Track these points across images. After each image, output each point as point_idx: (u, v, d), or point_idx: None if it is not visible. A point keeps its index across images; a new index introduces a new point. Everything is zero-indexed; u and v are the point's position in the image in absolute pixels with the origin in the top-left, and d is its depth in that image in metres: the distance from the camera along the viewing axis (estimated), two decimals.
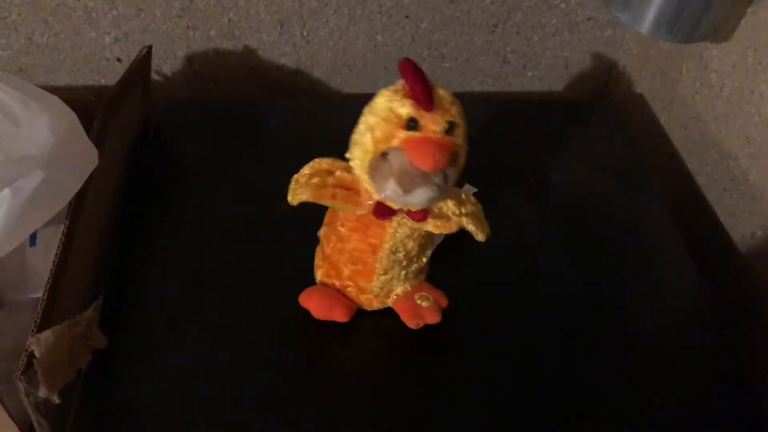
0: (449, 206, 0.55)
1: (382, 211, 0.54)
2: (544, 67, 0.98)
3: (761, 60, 0.70)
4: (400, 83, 0.50)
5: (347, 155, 0.53)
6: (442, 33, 0.91)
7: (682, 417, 0.60)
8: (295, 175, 0.55)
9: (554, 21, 0.92)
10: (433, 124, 0.48)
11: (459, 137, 0.50)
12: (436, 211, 0.55)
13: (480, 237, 0.57)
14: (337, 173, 0.55)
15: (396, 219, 0.55)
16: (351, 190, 0.55)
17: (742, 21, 0.72)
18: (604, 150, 0.84)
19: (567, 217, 0.76)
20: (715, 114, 0.78)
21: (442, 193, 0.52)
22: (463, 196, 0.57)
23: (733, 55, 0.74)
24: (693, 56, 0.82)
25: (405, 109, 0.48)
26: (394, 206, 0.53)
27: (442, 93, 0.49)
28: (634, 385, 0.61)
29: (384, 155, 0.50)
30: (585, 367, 0.62)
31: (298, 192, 0.54)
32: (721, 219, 0.77)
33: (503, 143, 0.84)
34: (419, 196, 0.50)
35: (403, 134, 0.48)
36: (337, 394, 0.59)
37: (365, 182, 0.53)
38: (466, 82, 0.98)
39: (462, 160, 0.51)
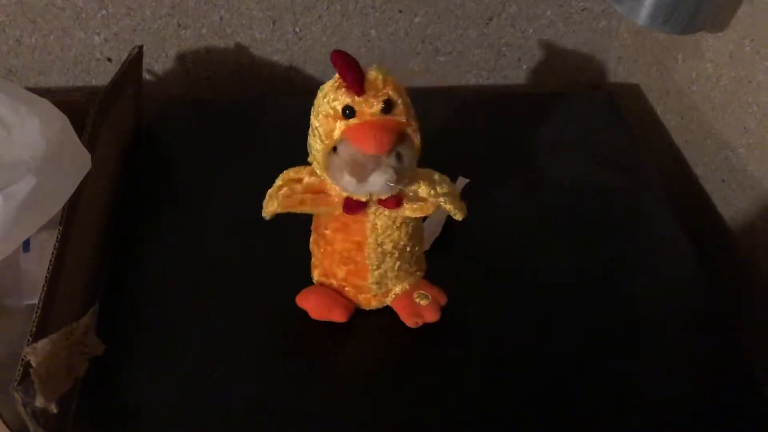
0: (423, 188, 0.55)
1: (352, 205, 0.54)
2: (540, 60, 0.97)
3: (759, 49, 0.70)
4: (336, 77, 0.50)
5: (309, 159, 0.54)
6: (436, 27, 0.91)
7: (682, 407, 0.59)
8: (269, 189, 0.56)
9: (549, 13, 0.91)
10: (367, 107, 0.48)
11: (400, 114, 0.50)
12: (411, 195, 0.55)
13: (458, 216, 0.57)
14: (305, 179, 0.56)
15: (371, 211, 0.55)
16: (320, 192, 0.55)
17: (739, 10, 0.72)
18: (601, 141, 0.84)
19: (564, 209, 0.75)
20: (712, 104, 0.78)
21: (402, 174, 0.51)
22: (437, 177, 0.56)
23: (730, 44, 0.74)
24: (689, 46, 0.81)
25: (339, 99, 0.49)
26: (362, 198, 0.53)
27: (373, 74, 0.49)
28: (634, 377, 0.61)
29: (333, 150, 0.50)
30: (586, 361, 0.62)
31: (268, 204, 0.56)
32: (720, 209, 0.77)
33: (499, 136, 0.84)
34: (377, 182, 0.51)
35: (342, 124, 0.49)
36: (337, 394, 0.59)
37: (329, 181, 0.53)
38: (461, 75, 0.97)
39: (415, 136, 0.51)
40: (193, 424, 0.56)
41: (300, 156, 0.56)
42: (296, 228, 0.61)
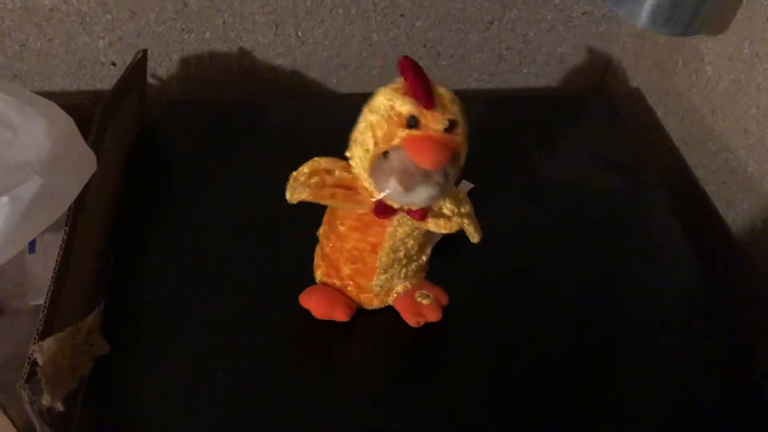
0: (448, 205, 0.55)
1: (383, 210, 0.54)
2: (540, 63, 0.98)
3: (758, 52, 0.70)
4: (400, 81, 0.49)
5: (347, 154, 0.53)
6: (437, 31, 0.91)
7: (683, 407, 0.60)
8: (294, 173, 0.55)
9: (549, 17, 0.92)
10: (433, 123, 0.48)
11: (459, 135, 0.49)
12: (435, 210, 0.55)
13: (476, 239, 0.58)
14: (336, 172, 0.55)
15: (396, 218, 0.55)
16: (350, 189, 0.54)
17: (738, 13, 0.72)
18: (602, 144, 0.84)
19: (566, 212, 0.76)
20: (712, 106, 0.78)
21: (443, 192, 0.52)
22: (461, 195, 0.57)
23: (729, 47, 0.74)
24: (689, 49, 0.82)
25: (406, 107, 0.48)
26: (395, 205, 0.53)
27: (442, 91, 0.49)
28: (636, 377, 0.61)
29: (385, 154, 0.49)
30: (587, 361, 0.62)
31: (297, 191, 0.54)
32: (720, 210, 0.78)
33: (500, 140, 0.84)
34: (420, 195, 0.50)
35: (403, 132, 0.48)
36: (339, 393, 0.59)
37: (365, 181, 0.52)
38: (462, 79, 0.98)
39: (462, 158, 0.51)
40: (197, 423, 0.56)
41: (302, 159, 0.56)
42: (298, 228, 0.62)
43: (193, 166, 0.78)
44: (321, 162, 0.55)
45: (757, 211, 0.72)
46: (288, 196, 0.54)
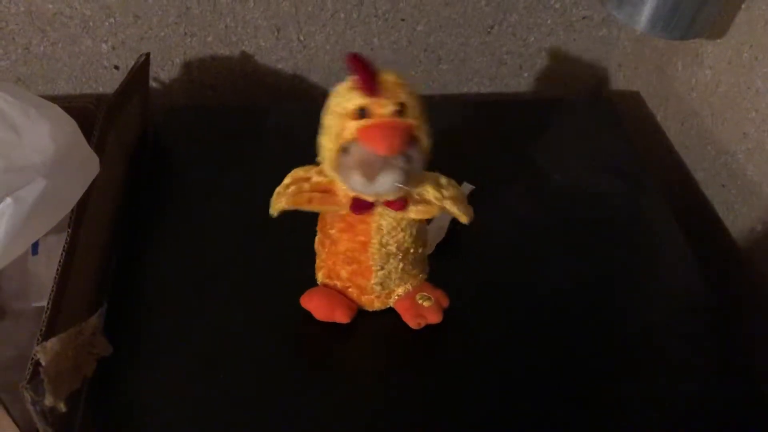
0: (429, 191, 0.55)
1: (359, 205, 0.55)
2: (540, 67, 0.98)
3: (757, 56, 0.70)
4: (351, 78, 0.51)
5: (318, 159, 0.54)
6: (438, 35, 0.92)
7: (683, 410, 0.60)
8: (277, 188, 0.57)
9: (549, 21, 0.92)
10: (381, 108, 0.49)
11: (413, 117, 0.50)
12: (417, 197, 0.56)
13: (464, 219, 0.58)
14: (313, 178, 0.56)
15: (377, 212, 0.56)
16: (327, 192, 0.56)
17: (737, 17, 0.73)
18: (602, 148, 0.84)
19: (566, 215, 0.76)
20: (711, 110, 0.79)
21: (410, 176, 0.52)
22: (443, 180, 0.57)
23: (728, 51, 0.75)
24: (688, 53, 0.82)
25: (353, 100, 0.50)
26: (369, 199, 0.54)
27: (389, 77, 0.50)
28: (636, 380, 0.61)
29: (345, 149, 0.51)
30: (588, 364, 0.62)
31: (276, 202, 0.56)
32: (720, 214, 0.78)
33: (501, 143, 0.85)
34: (385, 183, 0.51)
35: (355, 124, 0.50)
36: (340, 394, 0.59)
37: (339, 182, 0.54)
38: (462, 83, 0.98)
39: (424, 140, 0.52)
40: (198, 424, 0.57)
41: (303, 162, 0.57)
42: (300, 230, 0.62)
43: (195, 169, 0.79)
44: (299, 171, 0.57)
45: (757, 215, 0.72)
46: (271, 209, 0.56)
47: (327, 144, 0.52)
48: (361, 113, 0.49)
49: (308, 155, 0.56)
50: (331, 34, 0.89)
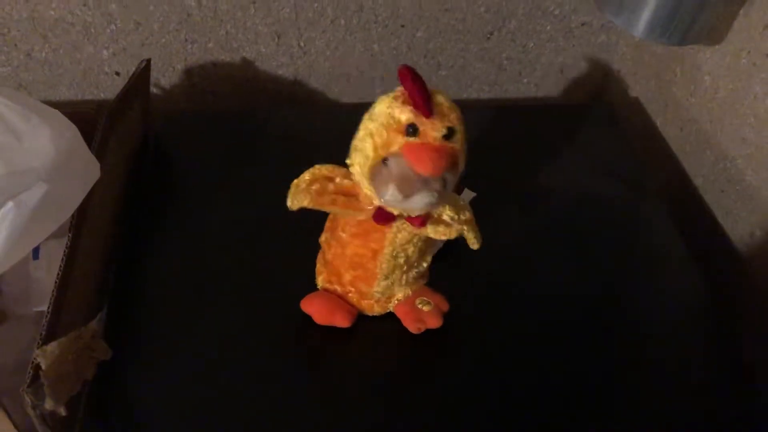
0: (447, 212, 0.56)
1: (383, 216, 0.54)
2: (540, 73, 0.98)
3: (755, 62, 0.71)
4: (400, 90, 0.50)
5: (347, 161, 0.54)
6: (437, 41, 0.92)
7: (685, 416, 0.60)
8: (295, 180, 0.56)
9: (549, 27, 0.93)
10: (432, 130, 0.48)
11: (458, 143, 0.50)
12: (435, 216, 0.56)
13: (476, 245, 0.58)
14: (337, 180, 0.55)
15: (396, 224, 0.55)
16: (351, 196, 0.55)
17: (735, 23, 0.73)
18: (602, 153, 0.85)
19: (566, 220, 0.76)
20: (710, 116, 0.79)
21: (441, 199, 0.52)
22: (461, 202, 0.57)
23: (726, 57, 0.75)
24: (687, 59, 0.82)
25: (404, 115, 0.49)
26: (395, 211, 0.54)
27: (441, 99, 0.50)
28: (637, 387, 0.61)
29: (384, 161, 0.50)
30: (588, 369, 0.62)
31: (298, 197, 0.55)
32: (720, 219, 0.78)
33: (501, 149, 0.85)
34: (419, 201, 0.51)
35: (402, 140, 0.49)
36: (340, 398, 0.59)
37: (365, 188, 0.53)
38: (462, 89, 0.99)
39: (461, 165, 0.52)
40: (198, 428, 0.57)
41: (303, 167, 0.57)
42: (301, 234, 0.62)
43: (195, 174, 0.79)
44: (322, 169, 0.56)
45: (756, 219, 0.72)
46: (289, 203, 0.55)
47: (368, 151, 0.51)
48: (412, 130, 0.49)
49: (308, 159, 0.56)
50: (331, 40, 0.90)
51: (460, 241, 0.70)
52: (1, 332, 0.64)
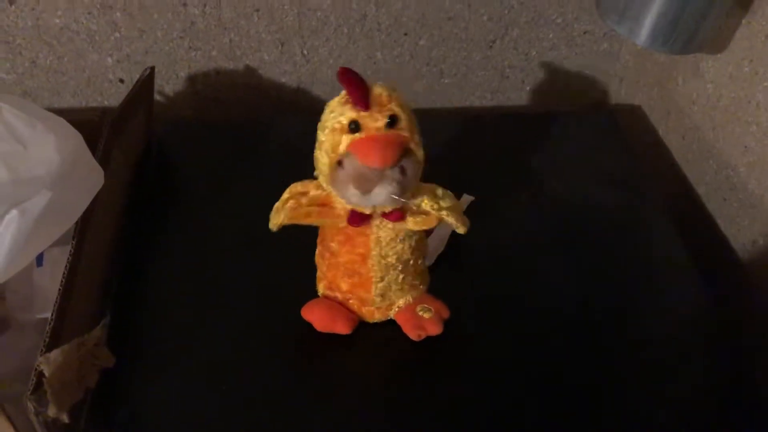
0: (426, 202, 0.56)
1: (356, 218, 0.55)
2: (542, 81, 0.99)
3: (757, 70, 0.71)
4: (343, 93, 0.52)
5: (315, 174, 0.55)
6: (440, 49, 0.92)
7: (686, 425, 0.60)
8: (276, 203, 0.57)
9: (551, 36, 0.93)
10: (373, 122, 0.50)
11: (405, 129, 0.51)
12: (414, 208, 0.56)
13: (461, 230, 0.58)
14: (311, 192, 0.57)
15: (375, 224, 0.56)
16: (325, 205, 0.56)
17: (737, 32, 0.73)
18: (604, 161, 0.85)
19: (568, 228, 0.76)
20: (712, 124, 0.79)
21: (405, 187, 0.53)
22: (440, 191, 0.57)
23: (729, 65, 0.75)
24: (689, 67, 0.83)
25: (345, 114, 0.50)
26: (366, 211, 0.55)
27: (378, 90, 0.51)
28: (639, 394, 0.61)
29: (339, 163, 0.51)
30: (589, 377, 0.62)
31: (275, 216, 0.57)
32: (722, 227, 0.78)
33: (503, 157, 0.85)
34: (380, 195, 0.52)
35: (347, 138, 0.50)
36: (341, 406, 0.59)
37: (335, 194, 0.54)
38: (465, 97, 0.99)
39: (419, 151, 0.52)
40: None
41: (306, 175, 0.57)
42: (301, 242, 0.62)
43: (198, 182, 0.79)
44: (297, 186, 0.58)
45: (759, 228, 0.72)
46: (270, 224, 0.57)
47: (322, 158, 0.53)
48: (354, 127, 0.50)
49: (310, 166, 0.56)
50: (334, 48, 0.90)
51: (461, 247, 0.71)
52: (4, 339, 0.65)
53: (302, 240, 0.62)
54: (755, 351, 0.71)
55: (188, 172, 0.81)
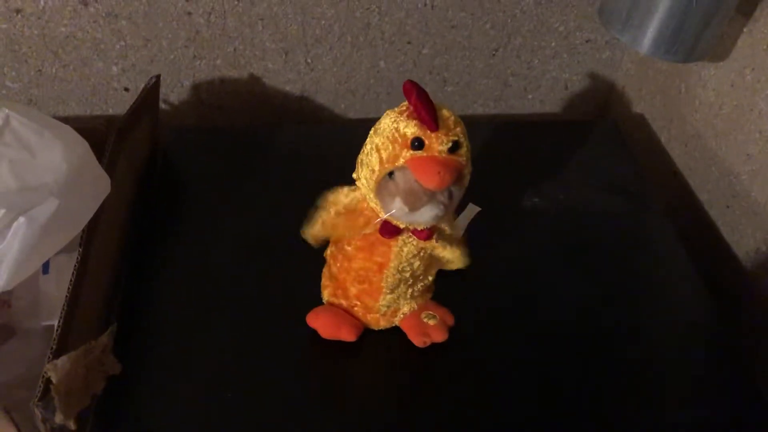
0: (446, 227, 0.57)
1: (389, 230, 0.55)
2: (545, 89, 0.99)
3: (759, 78, 0.71)
4: (405, 104, 0.51)
5: (354, 175, 0.54)
6: (443, 58, 0.93)
7: (688, 429, 0.60)
8: (311, 211, 0.58)
9: (553, 44, 0.93)
10: (437, 144, 0.49)
11: (463, 156, 0.51)
12: (441, 230, 0.56)
13: (460, 264, 0.61)
14: (341, 198, 0.56)
15: (402, 238, 0.56)
16: (355, 211, 0.56)
17: (739, 40, 0.74)
18: (607, 169, 0.85)
19: (571, 236, 0.77)
20: (715, 132, 0.79)
21: (449, 211, 0.53)
22: (455, 221, 0.59)
23: (731, 73, 0.76)
24: (691, 75, 0.83)
25: (410, 129, 0.49)
26: (401, 225, 0.54)
27: (446, 113, 0.50)
28: (642, 401, 0.61)
29: (390, 174, 0.51)
30: (593, 383, 0.62)
31: (306, 228, 0.58)
32: (725, 235, 0.78)
33: (506, 164, 0.85)
34: (425, 215, 0.52)
35: (408, 154, 0.49)
36: (346, 412, 0.59)
37: (371, 201, 0.54)
38: (467, 105, 0.99)
39: (467, 179, 0.52)
40: None
41: (310, 183, 0.57)
42: (306, 249, 0.63)
43: (203, 189, 0.80)
44: (327, 195, 0.57)
45: (761, 235, 0.72)
46: (302, 233, 0.58)
47: (373, 165, 0.52)
48: (417, 144, 0.49)
49: (314, 175, 0.57)
50: (338, 56, 0.91)
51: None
52: (10, 346, 0.65)
53: (307, 247, 0.62)
54: (759, 357, 0.71)
55: (193, 180, 0.81)
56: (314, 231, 0.58)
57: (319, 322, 0.63)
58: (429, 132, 0.49)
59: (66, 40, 0.84)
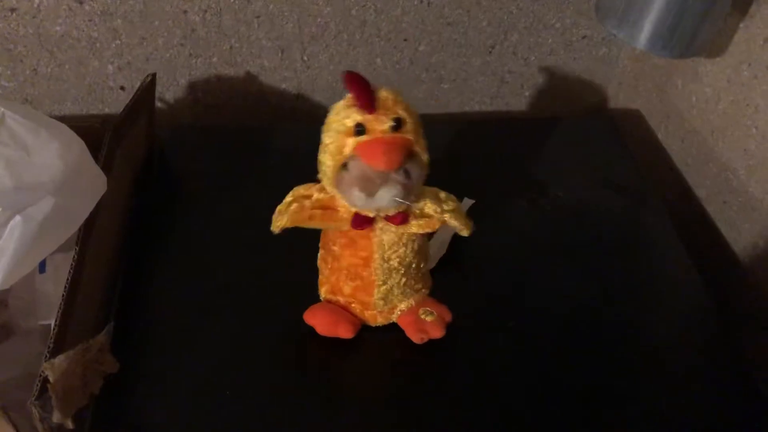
0: (429, 205, 0.56)
1: (360, 221, 0.55)
2: (542, 86, 0.99)
3: (756, 74, 0.71)
4: (348, 96, 0.52)
5: (318, 176, 0.55)
6: (439, 55, 0.93)
7: (687, 426, 0.60)
8: (279, 205, 0.57)
9: (550, 41, 0.93)
10: (378, 125, 0.50)
11: (409, 132, 0.51)
12: (417, 212, 0.56)
13: (465, 232, 0.59)
14: (314, 195, 0.57)
15: (378, 227, 0.56)
16: (329, 209, 0.57)
17: (736, 36, 0.74)
18: (603, 165, 0.85)
19: (568, 231, 0.77)
20: (711, 127, 0.79)
21: (409, 190, 0.53)
22: (442, 195, 0.58)
23: (727, 69, 0.76)
24: (688, 71, 0.83)
25: (351, 117, 0.51)
26: (370, 214, 0.55)
27: (384, 94, 0.51)
28: (641, 397, 0.61)
29: (344, 166, 0.52)
30: (591, 379, 0.62)
31: (277, 219, 0.57)
32: (722, 230, 0.78)
33: (504, 161, 0.85)
34: (384, 197, 0.52)
35: (353, 141, 0.51)
36: (344, 410, 0.59)
37: (339, 197, 0.54)
38: (464, 102, 0.99)
39: (423, 154, 0.53)
40: None
41: (306, 180, 0.58)
42: (303, 247, 0.63)
43: (200, 188, 0.80)
44: (300, 189, 0.58)
45: (759, 231, 0.73)
46: (272, 227, 0.57)
47: (326, 161, 0.53)
48: (359, 130, 0.50)
49: (311, 173, 0.57)
50: (334, 54, 0.91)
51: (463, 250, 0.71)
52: (7, 346, 0.64)
53: (304, 245, 0.62)
54: (757, 352, 0.71)
55: (190, 178, 0.81)
56: (285, 223, 0.57)
57: (317, 319, 0.63)
58: (368, 115, 0.50)
59: (61, 39, 0.84)
